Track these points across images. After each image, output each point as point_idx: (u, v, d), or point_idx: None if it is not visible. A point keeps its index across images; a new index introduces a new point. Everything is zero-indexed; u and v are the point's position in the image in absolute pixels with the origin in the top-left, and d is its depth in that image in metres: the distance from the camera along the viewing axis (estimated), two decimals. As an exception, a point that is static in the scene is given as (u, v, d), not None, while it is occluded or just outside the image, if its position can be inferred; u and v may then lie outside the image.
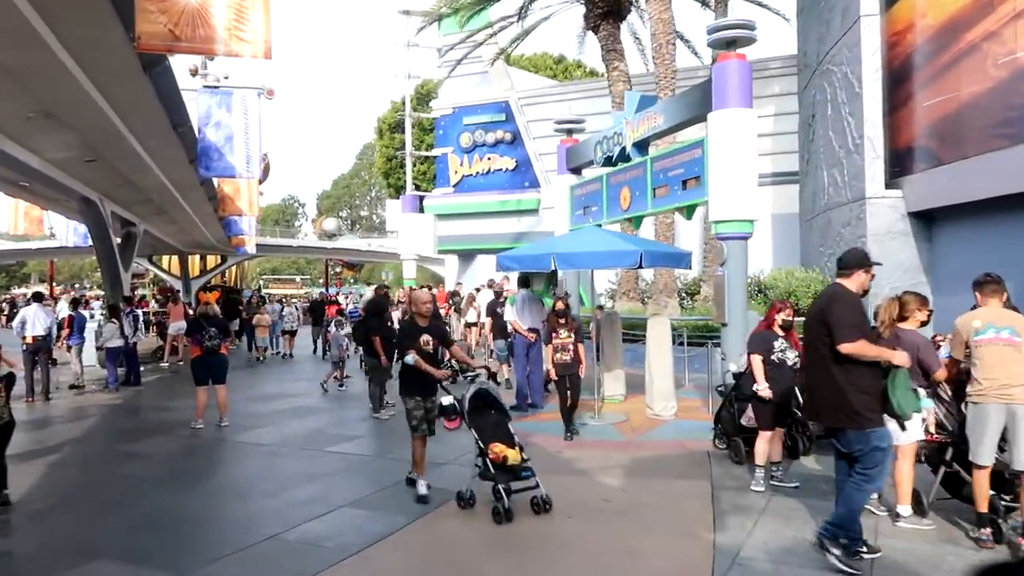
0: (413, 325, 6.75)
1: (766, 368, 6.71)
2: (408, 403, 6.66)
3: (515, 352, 11.08)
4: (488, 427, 6.40)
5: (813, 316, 4.99)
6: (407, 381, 6.64)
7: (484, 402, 6.54)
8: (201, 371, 10.13)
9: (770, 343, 6.79)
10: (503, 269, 9.88)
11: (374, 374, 10.79)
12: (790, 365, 6.76)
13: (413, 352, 6.47)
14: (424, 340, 6.62)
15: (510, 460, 6.14)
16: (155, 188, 16.46)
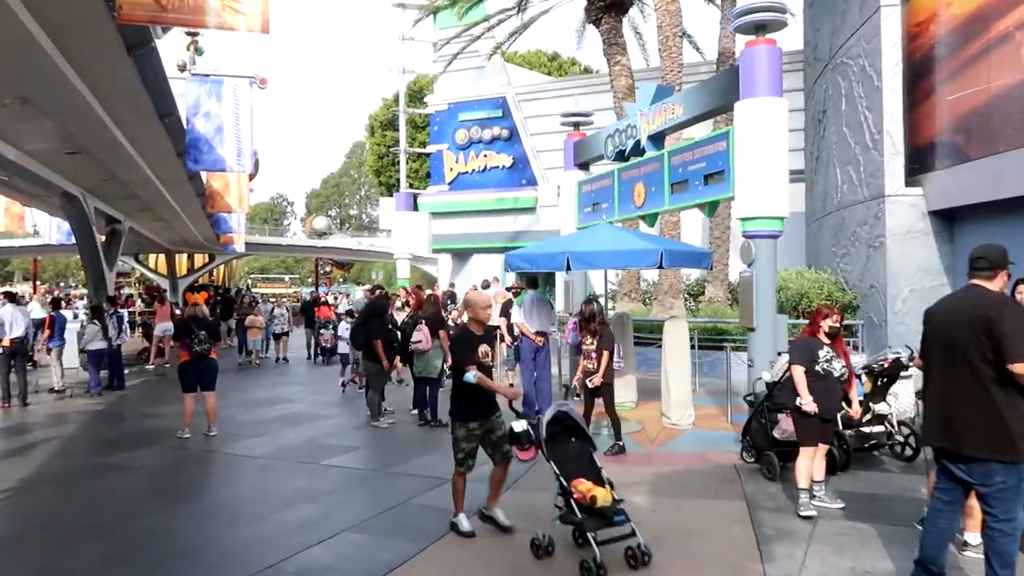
0: (469, 334, 5.71)
1: (809, 380, 6.07)
2: (459, 430, 5.62)
3: (521, 357, 10.46)
4: (570, 458, 5.29)
5: (967, 324, 4.05)
6: (463, 403, 5.62)
7: (563, 427, 5.42)
8: (189, 377, 9.47)
9: (814, 352, 6.14)
10: (513, 269, 9.27)
11: (374, 380, 10.16)
12: (837, 376, 6.12)
13: (474, 367, 5.41)
14: (483, 351, 5.60)
15: (599, 501, 4.95)
16: (141, 183, 15.75)
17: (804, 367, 6.08)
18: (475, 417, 5.60)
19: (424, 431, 9.76)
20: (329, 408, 11.64)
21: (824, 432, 6.18)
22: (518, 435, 5.37)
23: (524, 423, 5.34)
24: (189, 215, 23.39)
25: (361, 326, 10.21)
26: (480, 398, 5.55)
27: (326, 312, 18.49)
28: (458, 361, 5.50)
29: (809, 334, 6.30)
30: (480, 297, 5.91)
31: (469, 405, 5.60)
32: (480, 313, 5.72)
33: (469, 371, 5.39)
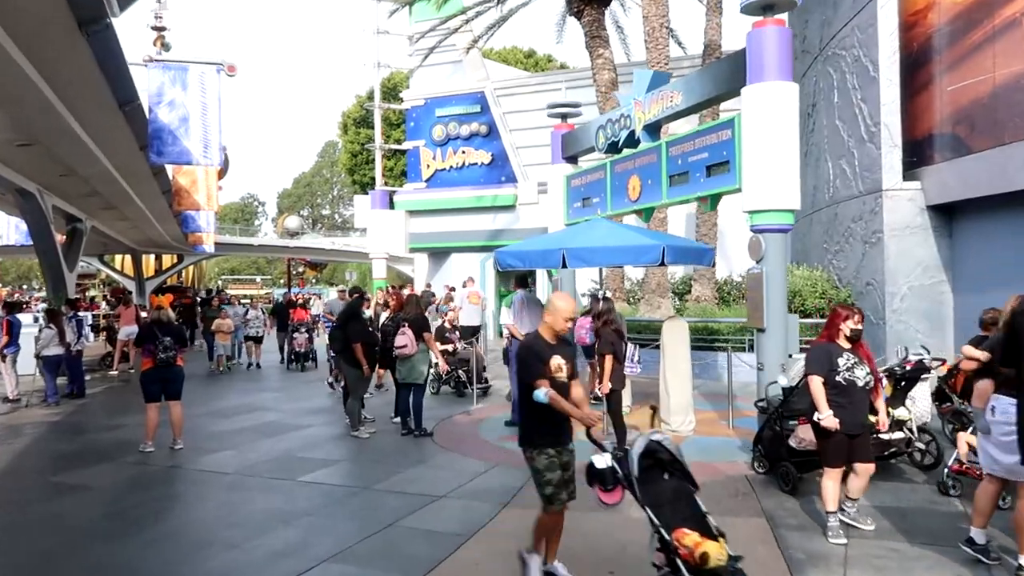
0: (540, 343, 4.66)
1: (830, 392, 5.38)
2: (539, 459, 4.58)
3: (511, 360, 9.85)
4: (666, 501, 4.14)
5: None
6: (536, 425, 4.61)
7: (654, 460, 4.25)
8: (153, 385, 8.75)
9: (833, 359, 5.42)
10: (503, 267, 8.66)
11: (354, 386, 9.49)
12: (861, 386, 5.40)
13: (545, 384, 4.44)
14: (556, 365, 4.56)
15: (712, 559, 3.78)
16: (102, 179, 14.89)
17: (823, 377, 5.40)
18: (552, 442, 4.61)
19: (408, 441, 9.11)
20: (305, 417, 10.94)
21: (853, 448, 5.45)
22: (600, 472, 4.17)
23: (607, 457, 4.20)
24: (155, 214, 22.46)
25: (340, 328, 9.53)
26: (555, 421, 4.56)
27: (301, 315, 17.63)
28: (526, 375, 4.54)
29: (827, 339, 5.58)
30: (564, 303, 4.70)
31: (544, 428, 4.58)
32: (559, 322, 4.63)
33: (540, 388, 4.41)
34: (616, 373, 7.85)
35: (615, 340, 7.87)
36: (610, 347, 7.81)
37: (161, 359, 8.60)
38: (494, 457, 8.12)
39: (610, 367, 7.76)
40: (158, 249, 38.10)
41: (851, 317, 5.51)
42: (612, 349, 7.80)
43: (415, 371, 9.29)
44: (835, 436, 5.37)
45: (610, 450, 4.27)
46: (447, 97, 25.37)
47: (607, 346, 7.85)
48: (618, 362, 7.88)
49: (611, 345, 7.80)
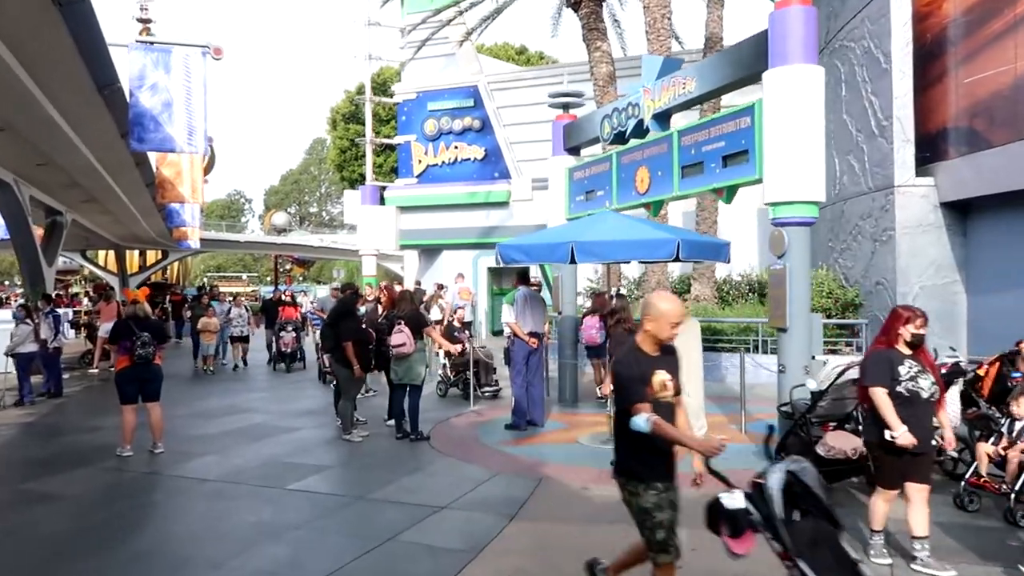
0: (640, 357, 3.76)
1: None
2: (646, 496, 3.70)
3: (513, 360, 9.37)
4: (805, 547, 3.30)
5: None
6: (639, 454, 3.73)
7: (798, 494, 3.46)
8: (129, 386, 8.20)
9: (895, 368, 4.77)
10: (506, 261, 8.15)
11: (346, 387, 8.96)
12: (926, 397, 4.75)
13: (647, 409, 3.56)
14: (660, 382, 3.68)
15: None
16: (82, 169, 14.28)
17: (886, 388, 4.75)
18: (662, 477, 3.73)
19: (404, 446, 8.60)
20: (294, 419, 10.40)
21: (915, 468, 4.80)
22: (731, 514, 3.39)
23: (738, 495, 3.40)
24: (139, 208, 21.80)
25: (331, 327, 9.00)
26: (663, 449, 3.71)
27: (290, 313, 16.60)
28: (623, 398, 3.69)
29: (885, 345, 4.92)
30: (670, 305, 3.76)
31: (651, 458, 3.71)
32: (664, 328, 3.73)
33: (640, 414, 3.53)
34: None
35: (627, 341, 7.39)
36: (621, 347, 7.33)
37: (139, 355, 8.05)
38: (495, 464, 7.63)
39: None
40: (142, 245, 37.36)
41: (913, 320, 4.84)
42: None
43: (412, 371, 8.78)
44: (900, 454, 4.71)
45: (739, 487, 3.47)
46: (440, 91, 24.83)
47: (619, 347, 7.38)
48: None
49: (623, 346, 7.32)
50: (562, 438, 8.83)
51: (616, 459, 3.85)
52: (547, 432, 9.17)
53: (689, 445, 3.58)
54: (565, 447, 8.34)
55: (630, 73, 20.12)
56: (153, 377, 8.32)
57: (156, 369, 8.36)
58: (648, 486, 3.69)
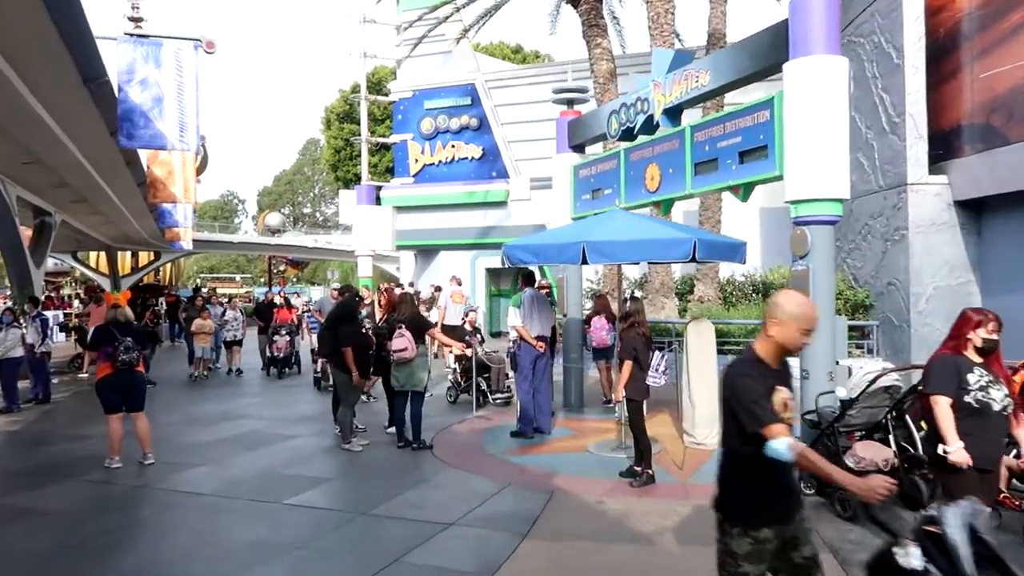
0: (762, 370, 3.04)
1: (957, 417, 4.22)
2: (739, 542, 3.00)
3: (519, 365, 9.02)
4: None
5: None
6: (751, 491, 3.03)
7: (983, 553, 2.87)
8: (112, 394, 7.83)
9: (963, 376, 4.29)
10: (513, 262, 7.79)
11: (345, 394, 8.59)
12: (998, 410, 4.23)
13: (786, 432, 2.85)
14: (781, 400, 2.99)
15: None
16: (71, 168, 13.87)
17: (950, 398, 4.26)
18: (770, 520, 3.01)
19: (406, 455, 8.23)
20: (290, 426, 10.02)
21: (979, 486, 4.19)
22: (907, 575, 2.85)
23: (914, 552, 2.84)
24: (130, 209, 21.38)
25: (329, 331, 8.62)
26: (786, 485, 3.06)
27: (284, 315, 15.70)
28: (751, 418, 2.90)
29: (952, 350, 4.42)
30: (803, 307, 3.03)
31: (766, 495, 3.01)
32: (794, 335, 3.00)
33: (777, 438, 2.81)
34: (636, 382, 7.05)
35: (639, 346, 7.06)
36: (632, 353, 7.02)
37: (122, 362, 7.68)
38: (503, 475, 7.27)
39: (627, 374, 6.98)
40: (134, 246, 36.88)
41: (984, 324, 4.34)
42: (634, 355, 7.01)
43: (414, 377, 8.42)
44: (963, 472, 4.20)
45: (913, 539, 2.85)
46: (436, 89, 24.46)
47: (629, 351, 7.06)
48: (640, 370, 7.08)
49: (634, 351, 7.01)
50: (571, 446, 8.48)
51: (719, 497, 3.15)
52: (555, 440, 8.82)
53: (844, 483, 2.81)
54: (574, 456, 8.00)
55: (630, 71, 19.85)
56: (136, 384, 7.96)
57: (139, 376, 8.01)
58: (746, 532, 2.99)
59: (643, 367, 7.07)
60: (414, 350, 8.33)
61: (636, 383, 7.05)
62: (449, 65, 24.53)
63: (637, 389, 7.07)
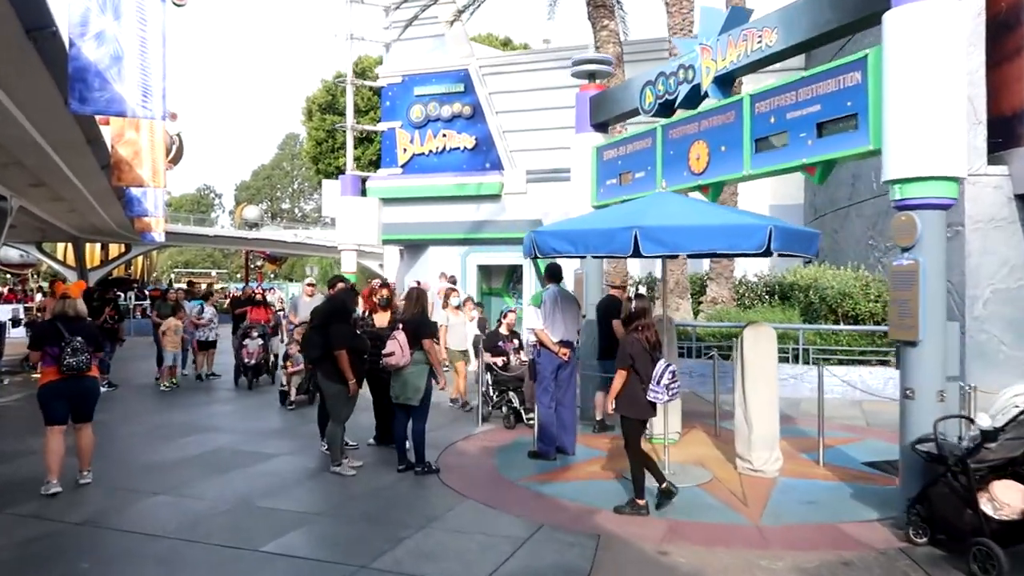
0: None
1: None
2: None
3: (538, 375, 7.69)
4: None
5: None
6: None
7: None
8: (56, 404, 6.50)
9: None
10: (545, 253, 6.44)
11: (336, 408, 7.20)
12: None
13: None
14: None
15: None
16: (21, 144, 12.35)
17: None
18: None
19: (409, 482, 6.87)
20: (267, 440, 8.63)
21: None
22: None
23: None
24: (95, 195, 19.81)
25: (318, 331, 7.23)
26: None
27: (259, 315, 13.53)
28: None
29: None
30: None
31: None
32: None
33: None
34: (632, 396, 5.91)
35: (638, 352, 5.86)
36: (628, 360, 5.89)
37: (68, 365, 6.34)
38: (532, 511, 5.95)
39: (619, 385, 5.92)
40: (103, 237, 35.16)
41: None
42: (630, 363, 5.89)
43: (408, 388, 7.04)
44: None
45: None
46: (427, 75, 23.05)
47: (624, 359, 5.95)
48: (640, 381, 5.87)
49: (630, 358, 5.83)
50: (603, 472, 7.16)
51: None
52: (582, 463, 7.50)
53: None
54: (610, 485, 6.68)
55: (638, 58, 18.65)
56: (87, 392, 6.62)
57: (91, 382, 6.65)
58: None
59: (642, 378, 5.86)
60: (405, 356, 6.98)
61: (631, 397, 5.93)
62: (441, 49, 23.14)
63: (632, 404, 5.93)
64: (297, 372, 10.51)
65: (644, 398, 5.92)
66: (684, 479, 6.72)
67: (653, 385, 5.91)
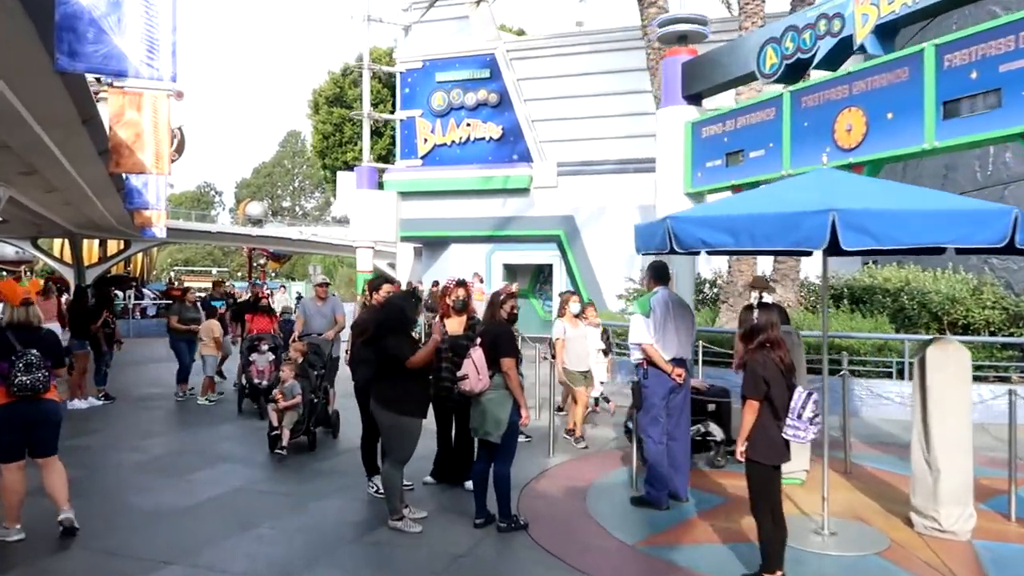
0: None
1: None
2: None
3: (645, 401, 6.09)
4: None
5: None
6: None
7: None
8: (7, 434, 5.05)
9: None
10: (688, 246, 4.82)
11: (396, 444, 5.56)
12: None
13: None
14: None
15: None
16: (6, 122, 10.74)
17: None
18: None
19: (494, 543, 5.26)
20: (298, 478, 7.01)
21: None
22: None
23: None
24: (91, 184, 18.16)
25: (372, 345, 5.62)
26: None
27: (265, 323, 10.82)
28: None
29: None
30: None
31: None
32: None
33: None
34: (766, 435, 4.38)
35: (775, 377, 4.29)
36: (762, 388, 4.36)
37: (20, 385, 4.92)
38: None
39: (752, 421, 4.39)
40: (101, 233, 33.43)
41: None
42: (764, 392, 4.36)
43: (488, 420, 5.43)
44: None
45: None
46: (450, 59, 21.50)
47: (755, 387, 4.40)
48: (773, 417, 4.30)
49: (763, 385, 4.30)
50: (736, 529, 5.55)
51: None
52: (705, 515, 5.88)
53: None
54: (752, 549, 5.07)
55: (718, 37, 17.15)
56: (45, 419, 5.16)
57: (50, 407, 5.19)
58: None
59: (777, 411, 4.29)
60: (483, 380, 5.37)
61: (766, 436, 4.39)
62: (465, 32, 21.59)
63: (769, 446, 4.40)
64: (291, 407, 7.72)
65: (780, 437, 4.36)
66: (853, 543, 5.15)
67: (792, 419, 4.34)
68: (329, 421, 8.54)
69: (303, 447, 7.91)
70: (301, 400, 7.79)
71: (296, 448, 7.83)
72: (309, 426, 7.92)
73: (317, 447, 8.05)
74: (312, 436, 7.99)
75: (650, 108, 18.83)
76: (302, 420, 7.83)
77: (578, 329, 8.43)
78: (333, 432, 8.59)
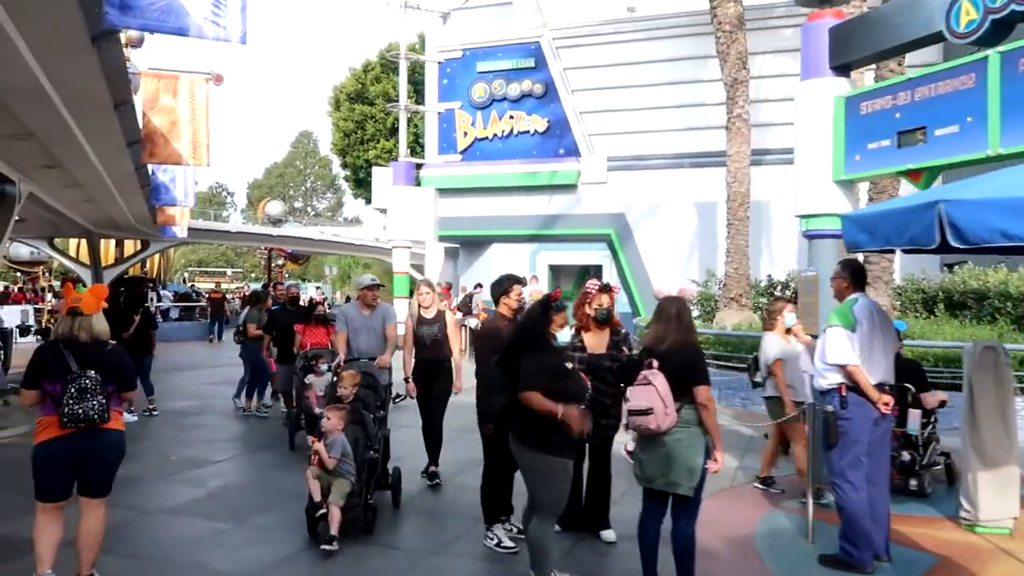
0: None
1: None
2: None
3: (845, 439, 4.84)
4: None
5: None
6: None
7: None
8: (54, 473, 4.02)
9: None
10: (984, 242, 3.58)
11: (548, 489, 4.32)
12: None
13: None
14: None
15: None
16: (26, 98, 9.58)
17: None
18: None
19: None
20: (392, 527, 5.81)
21: None
22: None
23: None
24: (116, 179, 17.06)
25: (506, 366, 4.41)
26: None
27: (318, 336, 9.10)
28: None
29: None
30: None
31: None
32: None
33: None
34: None
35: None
36: None
37: (72, 415, 3.88)
38: None
39: None
40: (118, 233, 32.40)
41: None
42: None
43: (676, 467, 4.17)
44: None
45: None
46: (492, 48, 20.35)
47: None
48: None
49: None
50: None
51: None
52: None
53: None
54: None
55: (761, 25, 16.07)
56: (101, 455, 4.08)
57: (109, 440, 4.09)
58: None
59: None
60: (671, 414, 4.14)
61: None
62: (508, 19, 20.41)
63: None
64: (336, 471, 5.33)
65: None
66: None
67: None
68: (389, 482, 6.04)
69: (355, 524, 5.29)
70: (353, 463, 5.37)
71: (348, 528, 5.19)
72: (368, 496, 5.44)
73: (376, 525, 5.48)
74: (372, 512, 5.44)
75: (708, 99, 17.68)
76: (357, 491, 5.35)
77: (791, 346, 6.48)
78: (394, 499, 6.06)
